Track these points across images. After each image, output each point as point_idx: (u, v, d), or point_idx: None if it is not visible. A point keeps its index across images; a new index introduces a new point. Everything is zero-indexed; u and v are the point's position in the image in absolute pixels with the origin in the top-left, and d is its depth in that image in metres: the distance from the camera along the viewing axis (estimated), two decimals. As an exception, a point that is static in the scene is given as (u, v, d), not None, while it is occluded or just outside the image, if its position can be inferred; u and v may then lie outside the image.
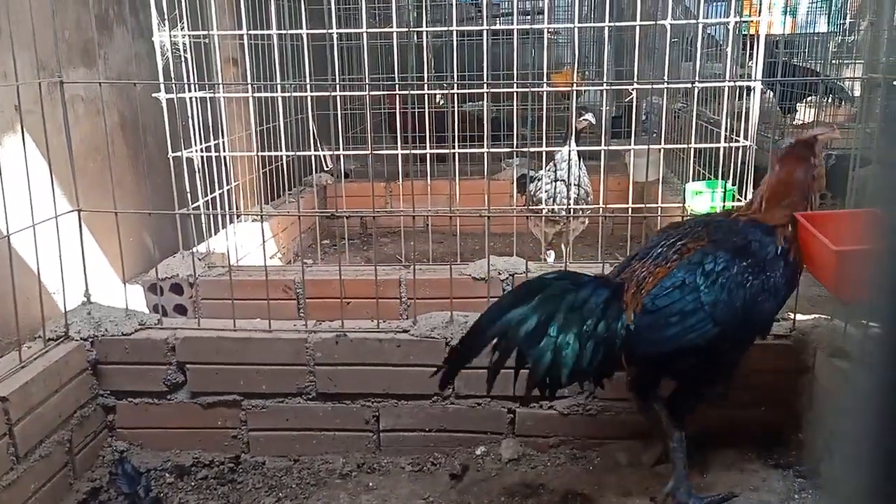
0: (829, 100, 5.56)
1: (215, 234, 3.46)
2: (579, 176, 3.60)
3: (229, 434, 2.62)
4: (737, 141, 3.29)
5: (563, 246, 3.77)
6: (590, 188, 3.72)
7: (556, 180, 3.61)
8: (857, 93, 6.04)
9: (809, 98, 5.70)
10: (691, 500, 2.15)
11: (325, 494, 2.40)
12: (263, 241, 2.97)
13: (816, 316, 2.61)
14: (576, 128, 3.68)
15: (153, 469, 2.52)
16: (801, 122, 5.74)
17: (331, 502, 2.35)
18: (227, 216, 3.55)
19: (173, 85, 3.16)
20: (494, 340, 1.96)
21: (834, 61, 6.14)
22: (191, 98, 3.35)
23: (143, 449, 2.60)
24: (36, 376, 2.28)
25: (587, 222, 3.85)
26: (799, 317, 2.56)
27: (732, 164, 3.26)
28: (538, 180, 3.77)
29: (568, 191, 3.51)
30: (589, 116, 3.68)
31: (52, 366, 2.36)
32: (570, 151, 3.52)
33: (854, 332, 2.39)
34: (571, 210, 3.56)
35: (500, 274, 3.03)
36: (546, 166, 3.77)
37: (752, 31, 3.67)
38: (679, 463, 2.16)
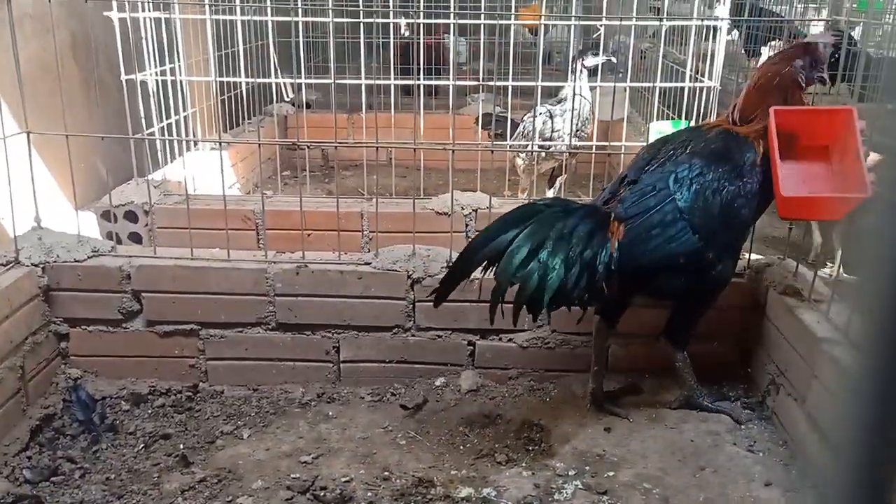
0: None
1: (171, 161, 3.37)
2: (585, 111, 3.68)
3: (187, 363, 2.60)
4: (701, 81, 3.30)
5: (557, 182, 3.88)
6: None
7: (571, 115, 3.67)
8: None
9: (774, 41, 5.71)
10: (705, 400, 2.36)
11: (284, 423, 2.41)
12: (222, 170, 2.89)
13: (770, 256, 2.67)
14: (586, 67, 3.68)
15: (108, 396, 2.49)
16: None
17: (290, 430, 2.37)
18: (184, 143, 3.45)
19: (126, 3, 3.01)
20: (485, 262, 2.05)
21: (799, 5, 6.14)
22: (145, 18, 3.21)
23: (98, 377, 2.57)
24: (-15, 301, 2.22)
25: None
26: (753, 256, 2.62)
27: (696, 104, 3.28)
28: (544, 116, 3.78)
29: (573, 128, 3.58)
30: (603, 58, 3.65)
31: (2, 291, 2.29)
32: (580, 87, 3.57)
33: (805, 272, 2.46)
34: (547, 149, 3.56)
35: (463, 209, 3.02)
36: (549, 103, 3.79)
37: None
38: (687, 377, 2.35)
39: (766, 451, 2.22)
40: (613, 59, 3.63)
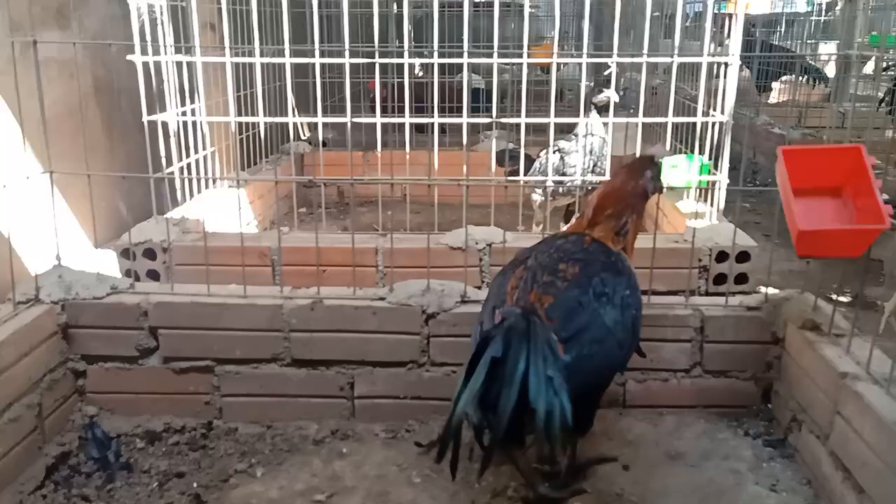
0: (805, 80, 5.59)
1: (190, 199, 3.42)
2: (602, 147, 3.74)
3: (202, 400, 2.60)
4: (713, 116, 3.32)
5: (573, 218, 3.94)
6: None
7: (587, 154, 3.71)
8: (830, 72, 6.10)
9: (785, 77, 5.74)
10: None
11: (298, 460, 2.40)
12: (239, 208, 2.92)
13: (788, 290, 2.65)
14: (594, 104, 3.73)
15: (124, 434, 2.50)
16: (776, 101, 5.77)
17: (304, 468, 2.35)
18: (203, 182, 3.50)
19: (149, 47, 3.10)
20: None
21: (810, 41, 6.17)
22: (167, 61, 3.29)
23: (114, 414, 2.57)
24: (5, 339, 2.23)
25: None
26: (770, 290, 2.59)
27: (709, 139, 3.30)
28: (560, 152, 3.84)
29: (589, 164, 3.62)
30: (609, 93, 3.69)
31: (22, 329, 2.32)
32: (590, 124, 3.63)
33: (824, 305, 2.43)
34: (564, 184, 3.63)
35: (477, 244, 3.03)
36: (564, 139, 3.85)
37: (731, 10, 3.69)
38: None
39: (790, 491, 2.17)
40: (614, 98, 3.65)
